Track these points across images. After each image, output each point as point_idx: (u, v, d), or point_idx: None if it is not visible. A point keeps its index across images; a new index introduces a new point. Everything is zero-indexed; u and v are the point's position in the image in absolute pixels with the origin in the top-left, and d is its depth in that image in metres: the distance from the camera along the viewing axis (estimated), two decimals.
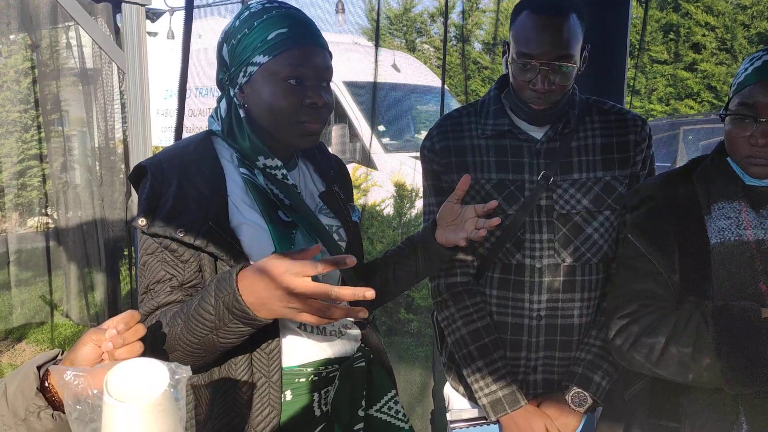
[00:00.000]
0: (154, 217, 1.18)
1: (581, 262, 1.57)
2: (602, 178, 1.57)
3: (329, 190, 1.41)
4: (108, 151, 4.06)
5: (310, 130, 1.28)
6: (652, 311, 1.34)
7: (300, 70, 1.24)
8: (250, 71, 1.26)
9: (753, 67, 1.31)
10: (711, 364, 1.23)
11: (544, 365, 1.62)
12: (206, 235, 1.19)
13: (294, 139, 1.29)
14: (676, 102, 10.44)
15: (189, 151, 1.28)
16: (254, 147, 1.28)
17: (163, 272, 1.21)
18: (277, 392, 1.24)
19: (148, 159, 1.28)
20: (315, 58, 1.26)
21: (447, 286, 1.64)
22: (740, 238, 1.29)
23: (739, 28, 9.96)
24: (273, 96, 1.24)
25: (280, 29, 1.24)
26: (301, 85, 1.25)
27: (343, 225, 1.39)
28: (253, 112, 1.29)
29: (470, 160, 1.60)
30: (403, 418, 1.40)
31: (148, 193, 1.20)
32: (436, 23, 12.81)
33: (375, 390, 1.38)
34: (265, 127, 1.29)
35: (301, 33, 1.26)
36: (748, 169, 1.32)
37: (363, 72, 6.72)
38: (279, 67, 1.24)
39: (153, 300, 1.20)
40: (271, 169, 1.30)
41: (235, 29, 1.28)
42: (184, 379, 0.78)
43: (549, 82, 1.46)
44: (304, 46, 1.25)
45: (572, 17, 1.46)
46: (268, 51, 1.24)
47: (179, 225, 1.18)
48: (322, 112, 1.28)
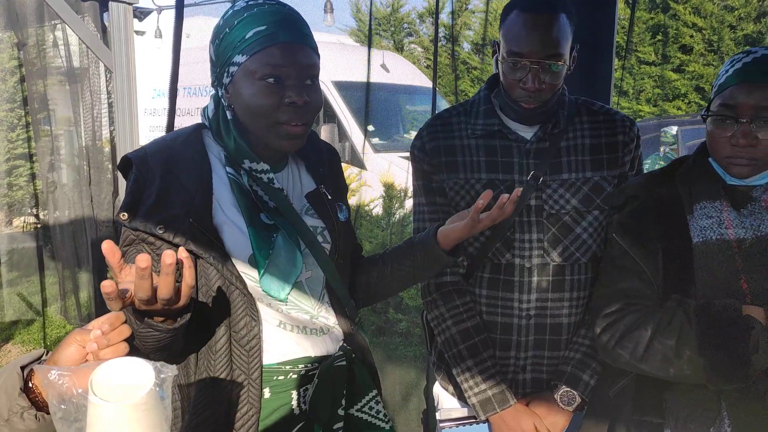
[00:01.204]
0: (136, 212, 1.18)
1: (570, 261, 1.58)
2: (591, 178, 1.59)
3: (316, 190, 1.40)
4: (95, 151, 4.03)
5: (291, 132, 1.25)
6: (636, 309, 1.35)
7: (278, 69, 1.22)
8: (232, 71, 1.25)
9: (734, 69, 1.32)
10: (693, 359, 1.24)
11: (533, 364, 1.62)
12: (186, 232, 1.18)
13: (275, 141, 1.26)
14: (664, 103, 10.51)
15: (177, 145, 1.27)
16: (239, 150, 1.27)
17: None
18: (257, 390, 1.24)
19: (134, 151, 1.27)
20: (295, 55, 1.23)
21: (437, 286, 1.64)
22: (722, 237, 1.31)
23: (726, 29, 10.04)
24: (251, 96, 1.23)
25: (258, 27, 1.22)
26: (279, 84, 1.22)
27: (327, 227, 1.37)
28: (238, 112, 1.27)
29: (460, 160, 1.61)
30: (384, 418, 1.40)
31: (132, 186, 1.20)
32: (425, 23, 12.83)
33: (356, 389, 1.37)
34: (248, 129, 1.28)
35: (279, 30, 1.23)
36: (729, 169, 1.34)
37: (352, 72, 6.72)
38: (256, 66, 1.22)
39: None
40: (257, 173, 1.28)
41: (219, 28, 1.27)
42: (169, 378, 0.78)
43: (539, 81, 1.47)
44: (283, 44, 1.23)
45: (562, 16, 1.47)
46: (246, 50, 1.22)
47: (159, 221, 1.17)
48: (304, 112, 1.25)
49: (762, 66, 1.30)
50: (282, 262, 1.26)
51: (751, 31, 9.97)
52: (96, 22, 3.70)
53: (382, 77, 7.40)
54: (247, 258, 1.24)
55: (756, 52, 1.33)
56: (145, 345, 1.10)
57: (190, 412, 1.23)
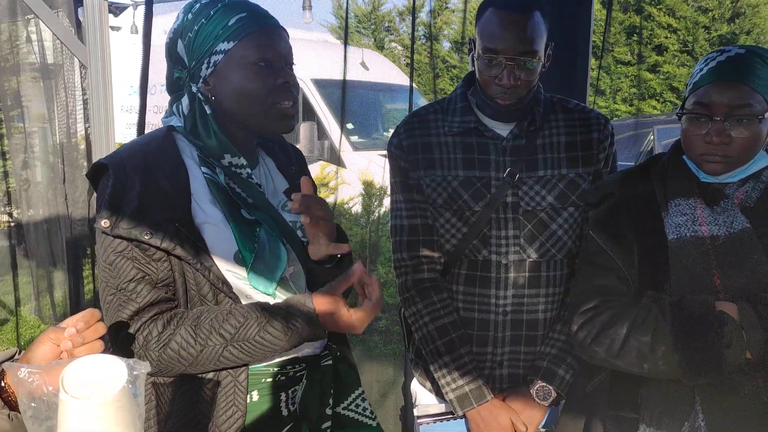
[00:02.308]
0: (118, 219, 1.15)
1: (546, 258, 1.60)
2: (567, 175, 1.60)
3: (293, 186, 1.40)
4: (70, 148, 3.97)
5: (287, 112, 1.27)
6: (612, 306, 1.36)
7: (267, 52, 1.24)
8: (215, 60, 1.24)
9: (708, 67, 1.34)
10: (668, 354, 1.26)
11: (509, 360, 1.64)
12: (173, 237, 1.17)
13: (270, 124, 1.27)
14: (639, 102, 10.64)
15: (151, 149, 1.25)
16: (221, 144, 1.26)
17: (136, 270, 1.17)
18: (243, 393, 1.23)
19: (108, 156, 1.25)
20: (278, 40, 1.26)
21: (414, 283, 1.65)
22: (695, 234, 1.33)
23: (700, 30, 10.20)
24: (244, 80, 1.23)
25: (239, 14, 1.23)
26: (270, 66, 1.24)
27: None
28: (223, 102, 1.26)
29: (437, 157, 1.61)
30: (371, 415, 1.41)
31: (111, 192, 1.17)
32: (405, 22, 12.83)
33: (342, 388, 1.38)
34: (237, 117, 1.27)
35: (259, 16, 1.26)
36: (703, 166, 1.35)
37: (331, 70, 6.70)
38: (246, 51, 1.23)
39: (132, 301, 1.17)
40: (237, 168, 1.28)
41: (189, 22, 1.26)
42: (142, 375, 0.77)
43: (514, 78, 1.48)
44: (267, 28, 1.25)
45: (536, 14, 1.48)
46: (232, 36, 1.22)
47: (145, 227, 1.15)
48: (294, 92, 1.28)
49: (736, 65, 1.32)
50: (267, 256, 1.26)
51: (725, 31, 10.13)
52: (70, 18, 3.64)
53: (362, 75, 7.38)
54: (233, 255, 1.23)
55: (730, 51, 1.35)
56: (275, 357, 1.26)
57: (173, 413, 1.22)
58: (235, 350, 1.17)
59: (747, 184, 1.35)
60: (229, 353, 1.17)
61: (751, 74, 1.29)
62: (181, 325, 1.18)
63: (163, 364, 1.17)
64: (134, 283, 1.17)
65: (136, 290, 1.17)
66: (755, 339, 1.21)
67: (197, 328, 1.17)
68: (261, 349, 1.18)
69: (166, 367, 1.18)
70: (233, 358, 1.18)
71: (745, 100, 1.28)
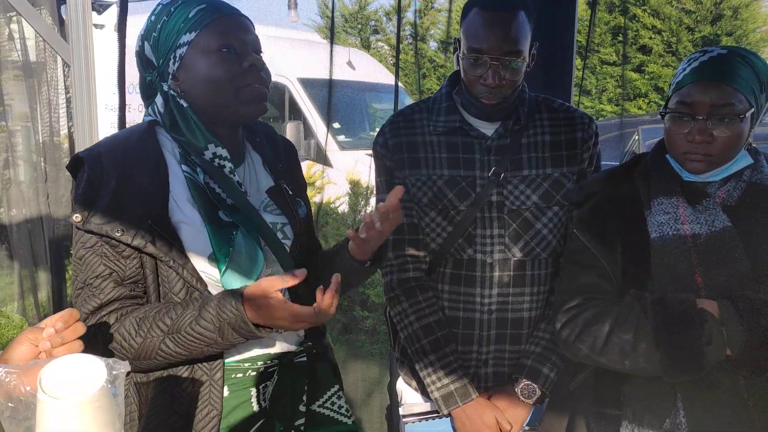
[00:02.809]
0: (90, 214, 1.15)
1: (531, 257, 1.60)
2: (551, 175, 1.60)
3: (277, 185, 1.39)
4: (53, 147, 3.93)
5: (256, 93, 1.26)
6: (596, 304, 1.37)
7: (229, 38, 1.24)
8: (180, 54, 1.24)
9: (690, 67, 1.35)
10: (649, 352, 1.27)
11: (495, 358, 1.64)
12: (145, 235, 1.16)
13: (242, 108, 1.27)
14: (625, 102, 10.72)
15: (131, 143, 1.25)
16: (203, 135, 1.26)
17: (103, 267, 1.17)
18: (218, 391, 1.23)
19: (86, 150, 1.24)
20: (240, 27, 1.27)
21: (399, 282, 1.65)
22: (678, 233, 1.34)
23: (684, 31, 10.30)
24: (209, 68, 1.23)
25: (198, 6, 1.24)
26: (234, 52, 1.24)
27: (290, 222, 1.37)
28: (193, 93, 1.26)
29: (422, 156, 1.61)
30: (346, 413, 1.40)
31: (85, 187, 1.17)
32: (392, 21, 12.85)
33: (318, 385, 1.37)
34: (210, 108, 1.26)
35: (219, 5, 1.26)
36: (685, 164, 1.36)
37: (318, 69, 6.68)
38: (208, 39, 1.23)
39: (95, 297, 1.17)
40: (220, 160, 1.27)
41: (153, 23, 1.27)
42: (122, 374, 0.76)
43: (499, 77, 1.49)
44: (228, 15, 1.26)
45: (521, 14, 1.48)
46: (192, 27, 1.23)
47: (117, 223, 1.15)
48: (263, 75, 1.27)
49: (718, 65, 1.33)
50: (243, 259, 1.24)
51: (708, 33, 10.24)
52: (53, 15, 3.60)
53: (348, 75, 7.38)
54: (207, 256, 1.22)
55: (713, 52, 1.36)
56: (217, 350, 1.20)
57: (148, 413, 1.21)
58: (171, 343, 1.15)
59: (729, 184, 1.36)
60: (166, 346, 1.15)
61: (733, 74, 1.30)
62: (128, 316, 1.17)
63: (115, 349, 1.17)
64: (100, 279, 1.17)
65: (101, 287, 1.17)
66: (735, 336, 1.22)
67: (141, 321, 1.16)
68: (195, 341, 1.14)
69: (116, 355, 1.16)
70: (170, 351, 1.15)
71: (726, 100, 1.29)
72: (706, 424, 1.28)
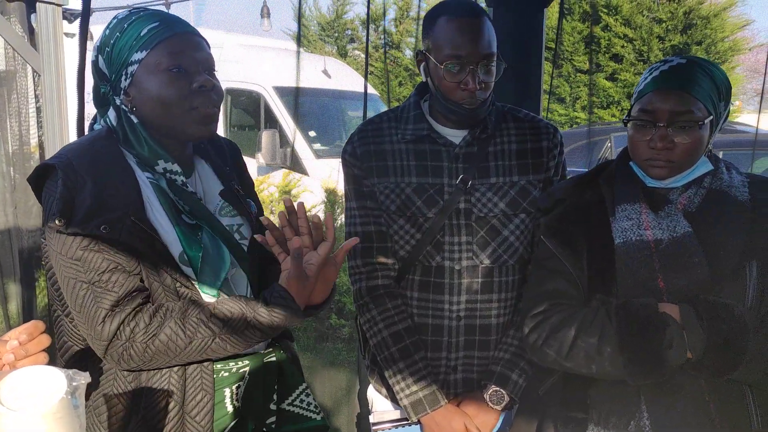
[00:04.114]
0: (73, 217, 1.15)
1: (498, 263, 1.62)
2: (518, 182, 1.63)
3: (228, 187, 1.41)
4: (23, 157, 3.87)
5: (206, 114, 1.27)
6: (562, 309, 1.39)
7: (180, 58, 1.25)
8: (131, 71, 1.25)
9: (652, 76, 1.39)
10: (614, 356, 1.29)
11: (464, 365, 1.65)
12: (130, 230, 1.18)
13: (191, 128, 1.28)
14: (599, 110, 10.87)
15: (97, 149, 1.25)
16: (152, 151, 1.27)
17: (107, 262, 1.17)
18: (209, 377, 1.27)
19: (53, 157, 1.24)
20: (191, 46, 1.27)
21: (368, 290, 1.65)
22: (641, 238, 1.36)
23: (655, 40, 10.48)
24: (159, 87, 1.24)
25: (151, 24, 1.25)
26: (184, 72, 1.25)
27: (247, 221, 1.39)
28: (144, 111, 1.27)
29: (390, 164, 1.63)
30: (315, 409, 1.43)
31: (62, 192, 1.16)
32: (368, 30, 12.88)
33: (287, 384, 1.40)
34: (160, 126, 1.27)
35: (172, 24, 1.27)
36: (648, 170, 1.39)
37: (293, 77, 6.68)
38: (158, 58, 1.24)
39: (109, 292, 1.16)
40: (172, 174, 1.29)
41: (107, 37, 1.27)
42: (82, 385, 0.76)
43: (479, 81, 1.51)
44: (179, 34, 1.26)
45: (486, 19, 1.53)
46: (144, 46, 1.24)
47: (101, 223, 1.16)
48: (214, 95, 1.28)
49: (678, 74, 1.36)
50: (212, 258, 1.28)
51: (678, 42, 10.43)
52: (23, 24, 3.55)
53: (324, 83, 7.39)
54: (177, 256, 1.25)
55: (672, 61, 1.40)
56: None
57: (143, 406, 1.22)
58: (222, 342, 1.20)
59: (689, 190, 1.40)
60: (217, 345, 1.20)
61: (692, 83, 1.34)
62: (169, 317, 1.19)
63: (149, 355, 1.18)
64: (108, 274, 1.17)
65: (111, 280, 1.17)
66: (696, 339, 1.25)
67: (185, 321, 1.19)
68: (247, 340, 1.22)
69: (151, 358, 1.19)
70: (220, 350, 1.22)
71: (686, 107, 1.33)
72: (670, 426, 1.30)
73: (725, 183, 1.39)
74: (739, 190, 1.37)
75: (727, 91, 1.39)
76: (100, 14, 5.04)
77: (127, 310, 1.17)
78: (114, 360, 1.19)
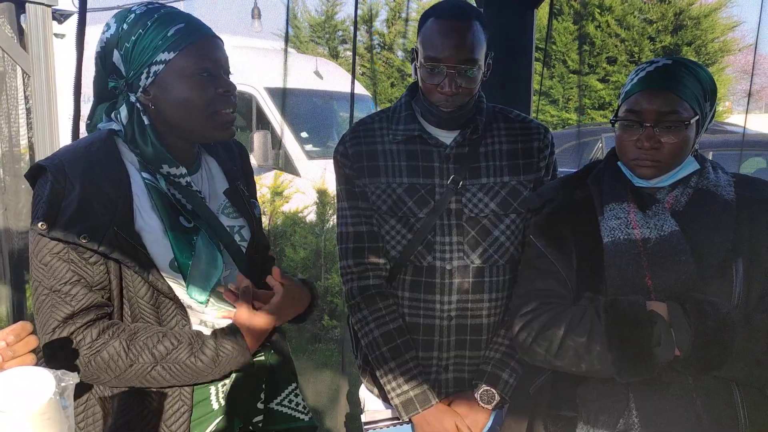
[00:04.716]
0: (56, 221, 1.15)
1: (489, 263, 1.63)
2: (508, 183, 1.63)
3: (233, 187, 1.41)
4: (12, 158, 3.86)
5: (228, 119, 1.30)
6: (551, 308, 1.40)
7: (207, 62, 1.26)
8: (155, 70, 1.24)
9: (638, 77, 1.40)
10: (602, 354, 1.30)
11: (455, 364, 1.66)
12: (111, 241, 1.17)
13: (211, 132, 1.30)
14: (591, 111, 10.92)
15: (92, 152, 1.25)
16: (158, 154, 1.27)
17: (71, 273, 1.18)
18: (189, 388, 1.26)
19: (47, 158, 1.24)
20: (216, 49, 1.29)
21: (360, 290, 1.66)
22: (629, 237, 1.38)
23: (645, 41, 10.54)
24: (187, 90, 1.25)
25: (177, 25, 1.25)
26: (211, 76, 1.26)
27: (248, 223, 1.39)
28: (164, 111, 1.27)
29: (382, 165, 1.63)
30: (304, 410, 1.43)
31: (49, 195, 1.16)
32: (359, 30, 12.90)
33: (276, 384, 1.40)
34: (179, 126, 1.28)
35: (198, 26, 1.28)
36: (635, 170, 1.41)
37: (286, 78, 6.68)
38: (187, 61, 1.24)
39: (66, 304, 1.17)
40: (175, 177, 1.29)
41: (126, 32, 1.26)
42: (71, 386, 0.76)
43: (456, 85, 1.51)
44: (206, 38, 1.28)
45: (475, 24, 1.52)
46: (172, 47, 1.24)
47: (82, 230, 1.15)
48: (233, 99, 1.31)
49: (664, 74, 1.38)
50: (203, 264, 1.27)
51: (668, 43, 10.49)
52: (12, 25, 3.54)
53: (316, 84, 7.38)
54: (168, 262, 1.24)
55: (658, 62, 1.41)
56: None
57: (116, 412, 1.22)
58: (163, 371, 1.21)
59: (676, 189, 1.41)
60: (157, 373, 1.21)
61: (678, 83, 1.35)
62: (116, 336, 1.19)
63: (90, 371, 1.18)
64: (69, 286, 1.17)
65: (71, 293, 1.17)
66: (683, 337, 1.26)
67: (131, 343, 1.20)
68: (189, 373, 1.23)
69: (93, 374, 1.19)
70: (160, 378, 1.21)
71: (672, 107, 1.34)
72: (658, 423, 1.31)
73: (712, 182, 1.41)
74: (726, 189, 1.39)
75: (712, 91, 1.41)
76: (91, 15, 5.02)
77: (78, 323, 1.17)
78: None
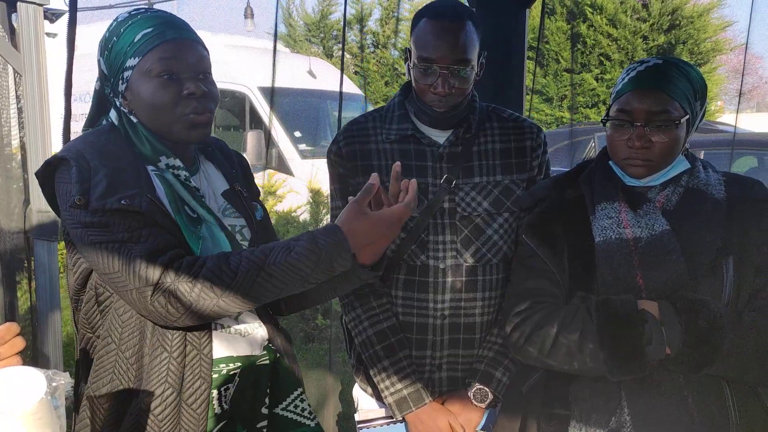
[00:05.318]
0: (90, 196, 1.17)
1: (482, 262, 1.63)
2: (501, 182, 1.64)
3: (232, 188, 1.42)
4: (4, 159, 3.83)
5: (195, 121, 1.29)
6: (544, 307, 1.41)
7: (171, 64, 1.26)
8: (126, 76, 1.28)
9: (629, 77, 1.41)
10: (595, 352, 1.30)
11: (448, 363, 1.66)
12: (149, 205, 1.19)
13: (181, 133, 1.29)
14: (586, 110, 10.95)
15: (103, 141, 1.28)
16: (154, 148, 1.29)
17: (137, 222, 1.18)
18: (208, 365, 1.26)
19: (62, 151, 1.26)
20: (185, 51, 1.28)
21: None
22: (620, 236, 1.38)
23: (638, 40, 10.57)
24: (150, 94, 1.26)
25: (145, 30, 1.27)
26: (174, 78, 1.27)
27: (248, 224, 1.40)
28: (138, 115, 1.30)
29: (375, 164, 1.63)
30: (309, 415, 1.43)
31: (78, 177, 1.18)
32: (353, 30, 12.91)
33: (281, 388, 1.40)
34: (152, 128, 1.30)
35: (166, 29, 1.28)
36: (627, 169, 1.41)
37: (279, 78, 6.68)
38: (150, 64, 1.25)
39: (144, 242, 1.17)
40: (174, 169, 1.30)
41: (107, 40, 1.30)
42: (62, 386, 0.76)
43: (448, 85, 1.52)
44: (172, 40, 1.27)
45: (468, 24, 1.52)
46: (137, 52, 1.26)
47: (121, 197, 1.17)
48: (203, 102, 1.29)
49: (654, 74, 1.38)
50: (211, 249, 1.28)
51: (662, 41, 10.53)
52: (3, 24, 3.52)
53: (309, 83, 7.38)
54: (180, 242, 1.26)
55: (649, 62, 1.42)
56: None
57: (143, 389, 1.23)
58: (268, 276, 1.18)
59: (667, 189, 1.42)
60: (263, 279, 1.17)
61: (668, 82, 1.36)
62: (209, 259, 1.19)
63: (195, 294, 1.15)
64: (138, 231, 1.18)
65: (143, 234, 1.18)
66: (674, 335, 1.27)
67: (228, 258, 1.18)
68: (294, 273, 1.18)
69: (197, 298, 1.16)
70: (268, 285, 1.18)
71: (662, 107, 1.35)
72: (650, 421, 1.32)
73: (702, 181, 1.41)
74: (716, 188, 1.40)
75: (702, 90, 1.41)
76: (83, 14, 5.01)
77: (168, 254, 1.17)
78: (159, 310, 1.16)
